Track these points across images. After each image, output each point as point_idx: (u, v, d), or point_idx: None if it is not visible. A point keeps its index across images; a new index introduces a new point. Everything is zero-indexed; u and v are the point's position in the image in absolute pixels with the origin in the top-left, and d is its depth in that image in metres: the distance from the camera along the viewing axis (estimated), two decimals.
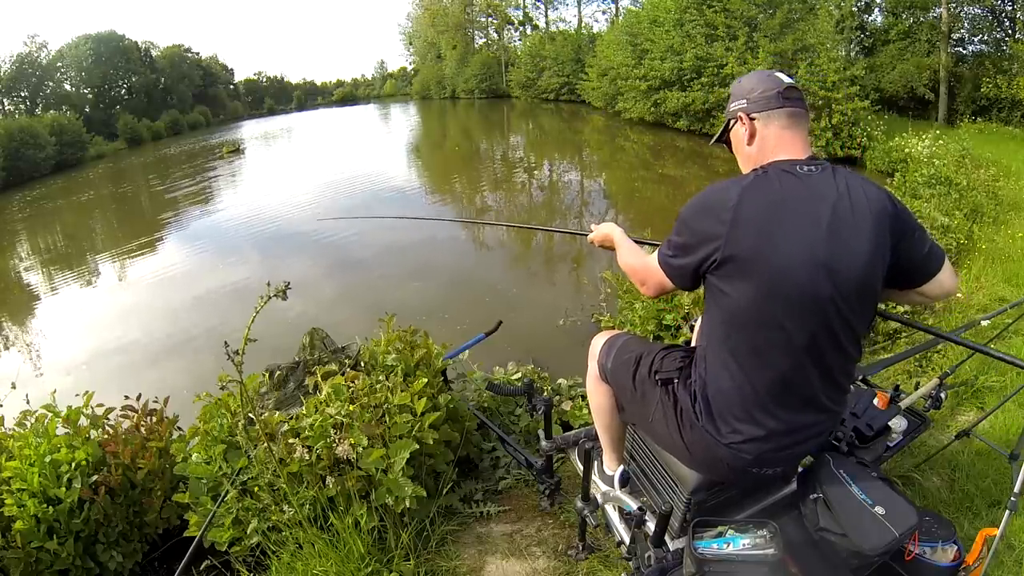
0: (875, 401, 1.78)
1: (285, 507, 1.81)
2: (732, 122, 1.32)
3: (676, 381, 1.32)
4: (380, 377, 2.08)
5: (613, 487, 1.73)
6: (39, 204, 17.03)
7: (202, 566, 1.96)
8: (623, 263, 1.50)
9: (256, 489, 1.84)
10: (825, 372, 1.19)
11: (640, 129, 19.01)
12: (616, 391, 1.55)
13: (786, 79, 1.26)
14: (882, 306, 3.29)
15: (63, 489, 1.90)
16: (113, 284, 8.72)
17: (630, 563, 1.62)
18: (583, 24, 36.49)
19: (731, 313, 1.18)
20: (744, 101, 1.27)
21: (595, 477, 1.82)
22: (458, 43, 45.01)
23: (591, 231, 1.72)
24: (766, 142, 1.24)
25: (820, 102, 12.60)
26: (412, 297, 6.38)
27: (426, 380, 2.04)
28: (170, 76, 43.88)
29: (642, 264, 1.39)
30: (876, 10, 19.10)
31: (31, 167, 22.54)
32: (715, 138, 1.41)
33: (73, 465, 1.96)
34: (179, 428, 2.31)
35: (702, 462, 1.30)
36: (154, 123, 37.04)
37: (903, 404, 1.88)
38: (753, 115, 1.25)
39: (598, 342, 1.62)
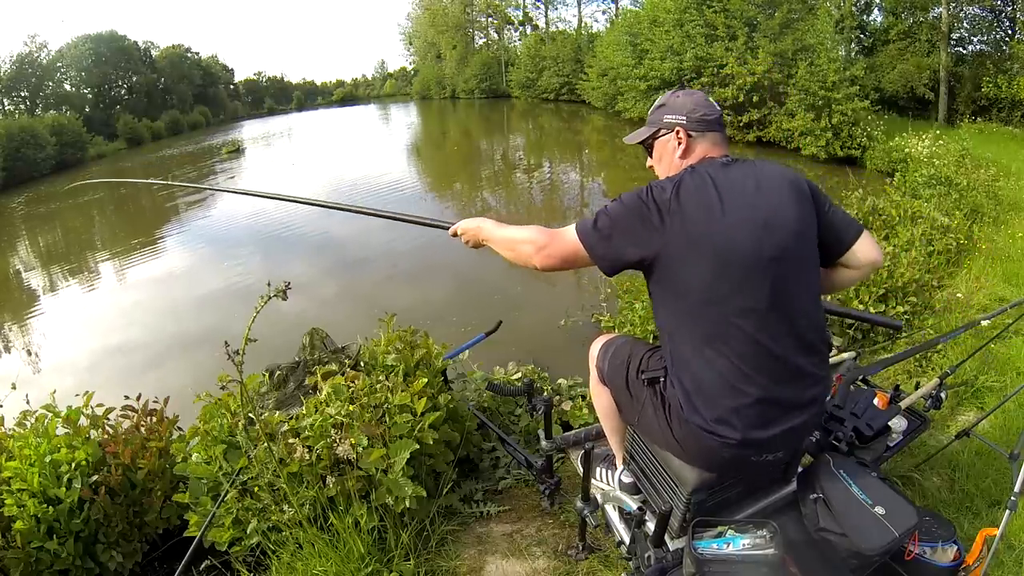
0: (875, 401, 1.78)
1: (285, 507, 1.81)
2: (663, 131, 1.41)
3: (663, 380, 1.34)
4: (380, 377, 2.08)
5: (613, 487, 1.73)
6: (39, 204, 17.03)
7: (202, 566, 1.96)
8: (504, 239, 1.46)
9: (256, 489, 1.84)
10: (795, 333, 1.23)
11: None
12: (613, 393, 1.56)
13: (718, 108, 1.41)
14: (860, 307, 3.32)
15: (63, 489, 1.90)
16: (113, 284, 8.72)
17: (630, 563, 1.62)
18: (583, 24, 36.53)
19: (689, 297, 1.22)
20: (684, 118, 1.37)
21: (595, 477, 1.82)
22: (458, 43, 45.00)
23: (454, 224, 1.66)
24: (695, 155, 1.37)
25: (820, 102, 12.61)
26: (413, 297, 6.38)
27: (426, 380, 2.04)
28: (170, 76, 43.80)
29: (540, 233, 1.36)
30: (876, 10, 19.11)
31: (31, 167, 22.51)
32: (639, 139, 1.48)
33: (73, 465, 1.95)
34: (179, 428, 2.30)
35: (697, 456, 1.30)
36: (154, 123, 36.92)
37: (903, 404, 1.88)
38: (691, 133, 1.37)
39: (596, 346, 1.64)
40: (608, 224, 1.27)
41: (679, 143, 1.38)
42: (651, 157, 1.48)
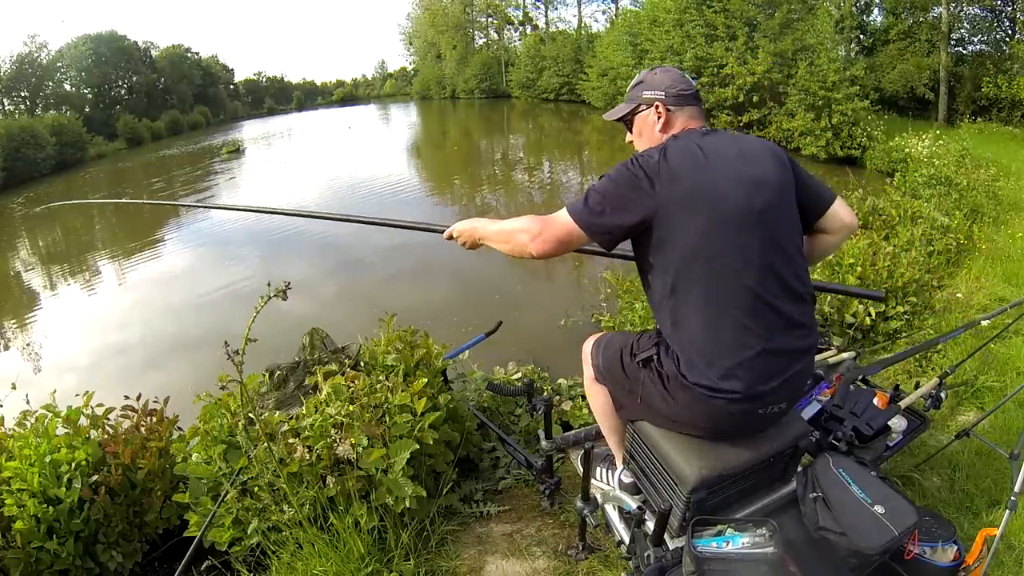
0: (875, 401, 1.78)
1: (285, 507, 1.81)
2: (643, 107, 1.46)
3: (655, 356, 1.36)
4: (380, 377, 2.08)
5: (613, 487, 1.73)
6: (39, 204, 17.02)
7: (202, 566, 1.96)
8: (499, 232, 1.47)
9: (256, 489, 1.84)
10: (786, 284, 1.27)
11: None
12: (611, 388, 1.56)
13: (693, 83, 1.48)
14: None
15: (63, 489, 1.90)
16: (113, 284, 8.72)
17: (630, 563, 1.62)
18: (583, 24, 36.54)
19: (686, 256, 1.24)
20: (662, 93, 1.43)
21: (595, 477, 1.82)
22: (458, 43, 45.00)
23: (448, 228, 1.66)
24: (675, 128, 1.42)
25: (820, 102, 12.62)
26: (413, 297, 6.38)
27: (426, 380, 2.04)
28: (170, 76, 43.77)
29: (532, 220, 1.37)
30: (876, 10, 19.11)
31: (31, 167, 22.50)
32: (618, 115, 1.52)
33: (73, 465, 1.95)
34: (179, 428, 2.30)
35: (703, 420, 1.31)
36: (154, 123, 36.89)
37: (903, 404, 1.88)
38: (671, 107, 1.42)
39: (588, 345, 1.64)
40: (599, 200, 1.29)
41: (659, 117, 1.43)
42: (631, 132, 1.52)
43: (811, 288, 1.36)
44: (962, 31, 16.88)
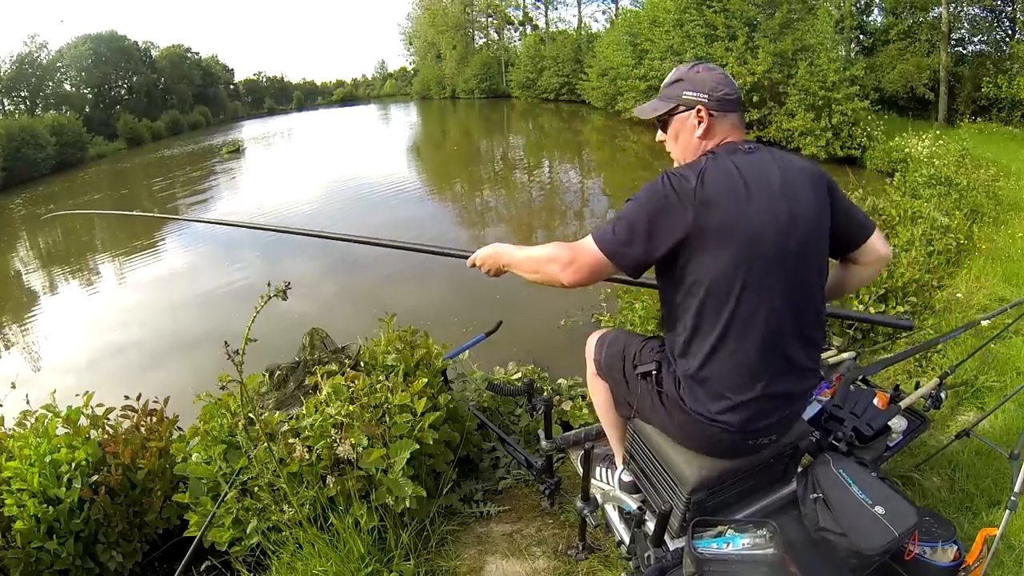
0: (875, 401, 1.78)
1: (285, 507, 1.81)
2: (682, 108, 1.33)
3: (655, 373, 1.36)
4: (380, 377, 2.08)
5: (613, 487, 1.73)
6: (39, 204, 17.02)
7: (202, 566, 1.96)
8: (527, 261, 1.41)
9: (256, 489, 1.84)
10: (801, 330, 1.25)
11: (640, 129, 18.99)
12: (611, 385, 1.57)
13: (736, 87, 1.35)
14: (860, 308, 3.31)
15: (63, 489, 1.90)
16: (113, 284, 8.72)
17: (630, 563, 1.62)
18: (583, 24, 36.54)
19: (707, 288, 1.19)
20: (706, 96, 1.30)
21: (595, 477, 1.82)
22: (458, 43, 44.99)
23: (472, 253, 1.59)
24: (716, 137, 1.31)
25: (820, 102, 12.61)
26: (413, 297, 6.38)
27: (426, 380, 2.04)
28: (170, 76, 43.78)
29: (561, 248, 1.30)
30: (876, 10, 19.11)
31: (31, 167, 22.50)
32: (653, 115, 1.38)
33: (73, 465, 1.95)
34: (179, 428, 2.30)
35: (695, 441, 1.33)
36: (154, 123, 36.91)
37: (903, 404, 1.88)
38: (713, 112, 1.30)
39: (592, 340, 1.65)
40: (626, 228, 1.21)
41: (700, 122, 1.31)
42: (664, 133, 1.40)
43: (824, 331, 1.35)
44: (962, 31, 16.89)
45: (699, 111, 1.30)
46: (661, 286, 1.31)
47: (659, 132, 1.42)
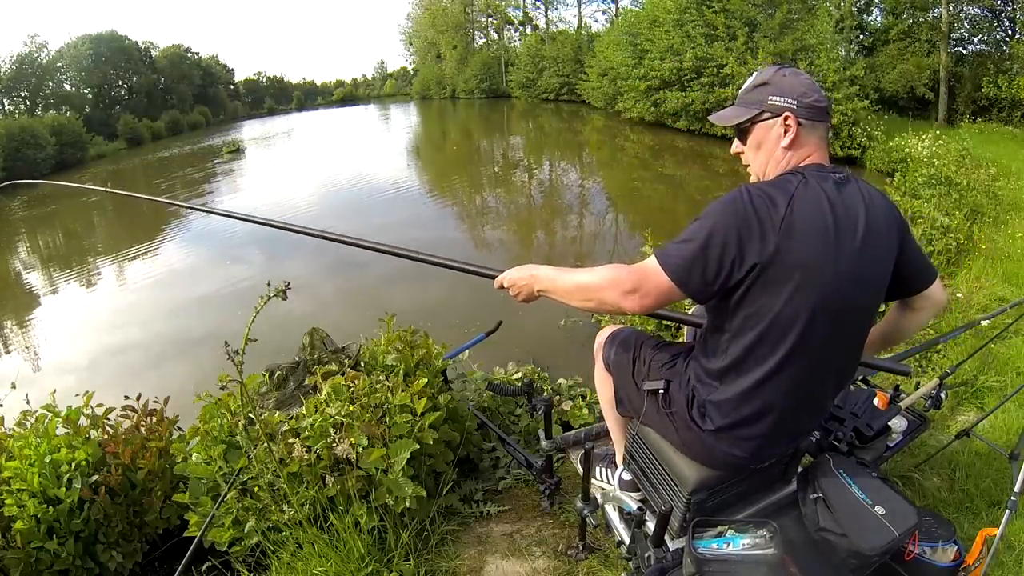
0: (875, 401, 1.78)
1: (285, 507, 1.81)
2: (767, 115, 1.20)
3: (664, 391, 1.35)
4: (380, 377, 2.08)
5: (613, 487, 1.73)
6: (39, 204, 17.02)
7: (203, 566, 1.96)
8: (574, 287, 1.23)
9: (256, 489, 1.84)
10: (838, 376, 1.25)
11: (640, 129, 19.01)
12: (616, 383, 1.56)
13: (824, 94, 1.23)
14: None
15: (63, 489, 1.89)
16: (113, 284, 8.71)
17: (630, 563, 1.62)
18: (583, 24, 36.55)
19: (762, 327, 1.11)
20: (795, 102, 1.18)
21: (595, 477, 1.82)
22: (458, 43, 45.01)
23: (501, 273, 1.43)
24: (803, 149, 1.19)
25: None
26: (413, 297, 6.37)
27: (426, 380, 2.04)
28: (170, 76, 43.81)
29: (620, 271, 1.16)
30: (876, 10, 19.11)
31: (31, 167, 22.47)
32: (734, 121, 1.25)
33: (73, 465, 1.95)
34: (179, 428, 2.30)
35: (698, 456, 1.33)
36: (154, 123, 36.93)
37: (903, 404, 1.89)
38: (802, 121, 1.18)
39: (602, 335, 1.64)
40: (699, 252, 1.08)
41: (786, 131, 1.18)
42: (742, 143, 1.27)
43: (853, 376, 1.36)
44: (962, 31, 16.90)
45: (787, 118, 1.18)
46: (716, 311, 1.20)
47: (735, 143, 1.30)
